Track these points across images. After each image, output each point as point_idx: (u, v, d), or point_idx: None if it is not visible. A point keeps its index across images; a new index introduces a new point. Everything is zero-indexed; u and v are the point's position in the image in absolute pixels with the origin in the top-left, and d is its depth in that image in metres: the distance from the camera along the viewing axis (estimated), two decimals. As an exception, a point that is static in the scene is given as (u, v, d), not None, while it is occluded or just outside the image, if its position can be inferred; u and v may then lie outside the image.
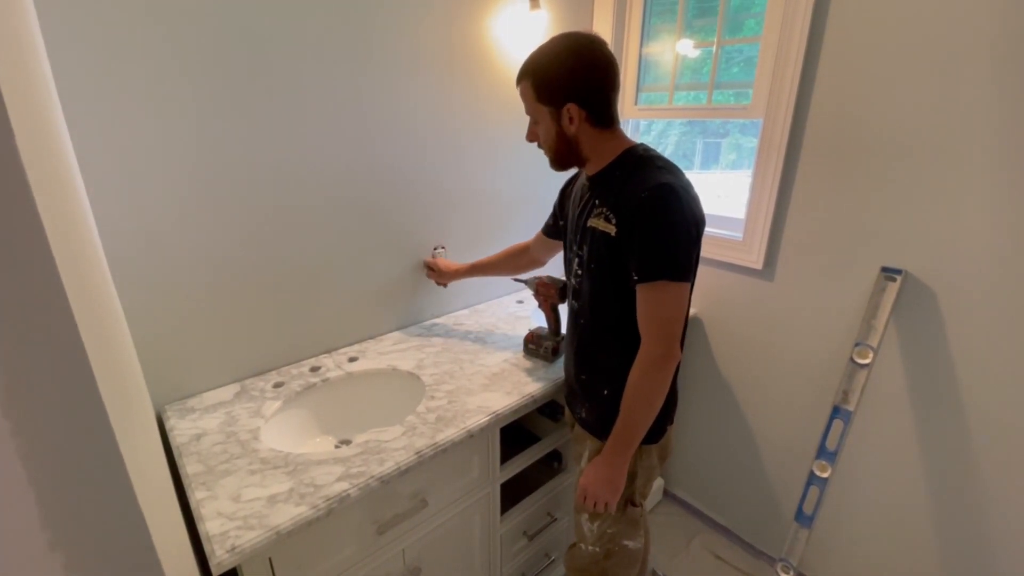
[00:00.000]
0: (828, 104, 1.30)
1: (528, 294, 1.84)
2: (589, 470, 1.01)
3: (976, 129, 1.10)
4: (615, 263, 0.93)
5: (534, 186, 1.78)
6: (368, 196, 1.35)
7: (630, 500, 1.08)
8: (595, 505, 1.00)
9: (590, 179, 1.01)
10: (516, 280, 1.46)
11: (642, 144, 0.98)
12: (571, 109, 0.92)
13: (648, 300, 0.89)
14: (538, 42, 1.59)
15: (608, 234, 0.92)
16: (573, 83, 0.91)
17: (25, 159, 0.31)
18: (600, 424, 1.05)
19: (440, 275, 1.50)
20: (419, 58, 1.34)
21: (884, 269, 1.28)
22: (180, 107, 1.01)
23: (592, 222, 0.96)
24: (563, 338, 1.35)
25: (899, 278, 1.26)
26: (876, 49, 1.20)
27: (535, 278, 1.38)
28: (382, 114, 1.31)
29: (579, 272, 1.02)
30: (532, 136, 1.03)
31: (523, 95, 0.97)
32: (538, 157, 1.74)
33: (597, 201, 0.97)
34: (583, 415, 1.10)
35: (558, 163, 1.03)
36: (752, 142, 1.71)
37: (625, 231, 0.89)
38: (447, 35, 1.38)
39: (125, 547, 0.40)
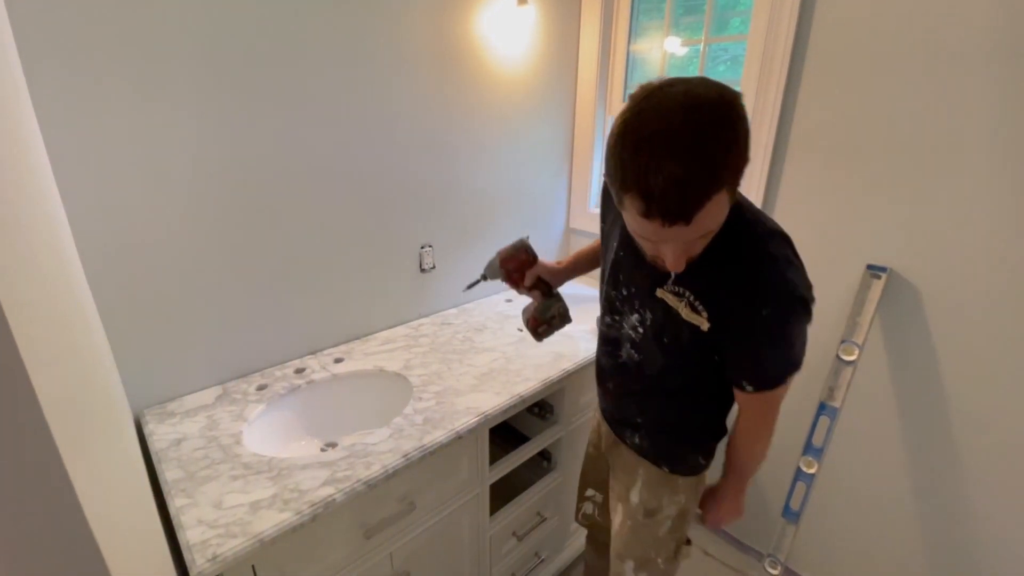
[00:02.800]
0: (814, 103, 1.30)
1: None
2: (717, 505, 1.01)
3: (961, 129, 1.11)
4: (704, 354, 0.80)
5: (520, 183, 1.77)
6: (353, 194, 1.32)
7: (684, 540, 1.03)
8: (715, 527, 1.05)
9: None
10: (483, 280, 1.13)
11: (739, 197, 0.72)
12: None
13: (761, 403, 0.83)
14: (524, 40, 1.60)
15: (697, 328, 0.76)
16: (746, 143, 0.62)
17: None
18: (658, 455, 0.97)
19: (543, 275, 1.09)
20: (405, 55, 1.32)
21: (869, 267, 1.30)
22: (158, 102, 0.98)
23: (668, 299, 0.79)
24: (557, 319, 1.09)
25: (884, 275, 1.27)
26: (861, 48, 1.20)
27: (496, 258, 1.07)
28: (367, 112, 1.29)
29: (639, 331, 0.88)
30: (685, 261, 0.70)
31: (705, 218, 0.61)
32: (524, 154, 1.74)
33: (674, 274, 0.77)
34: (637, 441, 1.00)
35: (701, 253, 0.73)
36: (739, 140, 1.72)
37: (727, 337, 0.75)
38: (434, 32, 1.36)
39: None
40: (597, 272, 2.01)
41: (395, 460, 0.96)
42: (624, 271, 0.89)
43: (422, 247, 1.52)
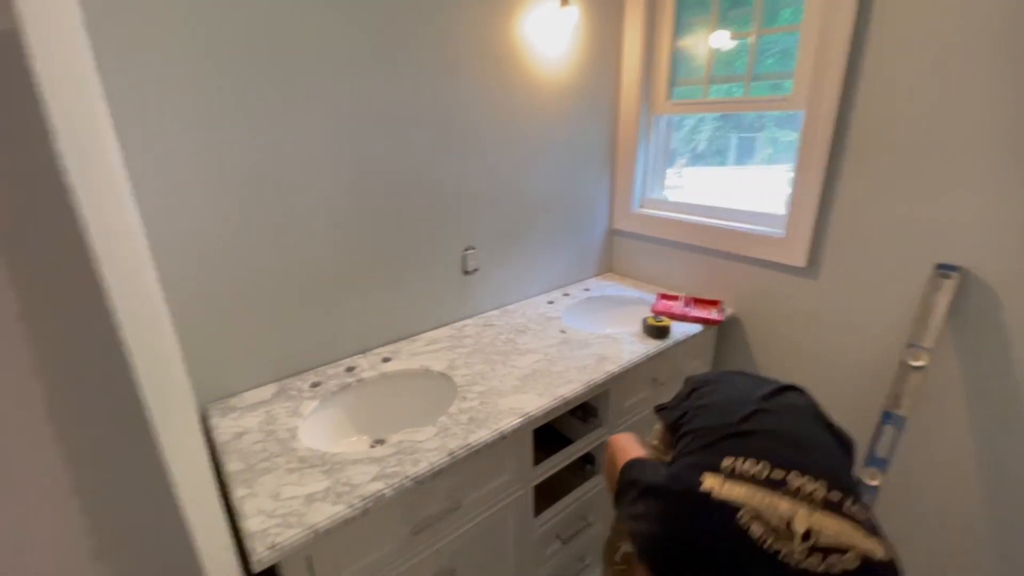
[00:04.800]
0: (877, 93, 1.23)
1: (558, 293, 1.82)
2: None
3: (1043, 114, 1.02)
4: None
5: (562, 184, 1.76)
6: (400, 197, 1.36)
7: None
8: None
9: None
10: None
11: None
12: None
13: None
14: (567, 41, 1.59)
15: None
16: None
17: (76, 185, 0.31)
18: None
19: None
20: (448, 58, 1.34)
21: (939, 266, 1.21)
22: (222, 116, 1.04)
23: None
24: None
25: (955, 275, 1.18)
26: (930, 33, 1.13)
27: None
28: (413, 115, 1.32)
29: None
30: None
31: None
32: (566, 155, 1.74)
33: None
34: None
35: None
36: (789, 136, 1.64)
37: None
38: (477, 35, 1.38)
39: (168, 556, 0.40)
40: (639, 269, 1.97)
41: (441, 458, 0.98)
42: None
43: (466, 249, 1.54)
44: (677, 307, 1.64)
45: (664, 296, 1.72)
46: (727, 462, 0.62)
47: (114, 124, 0.88)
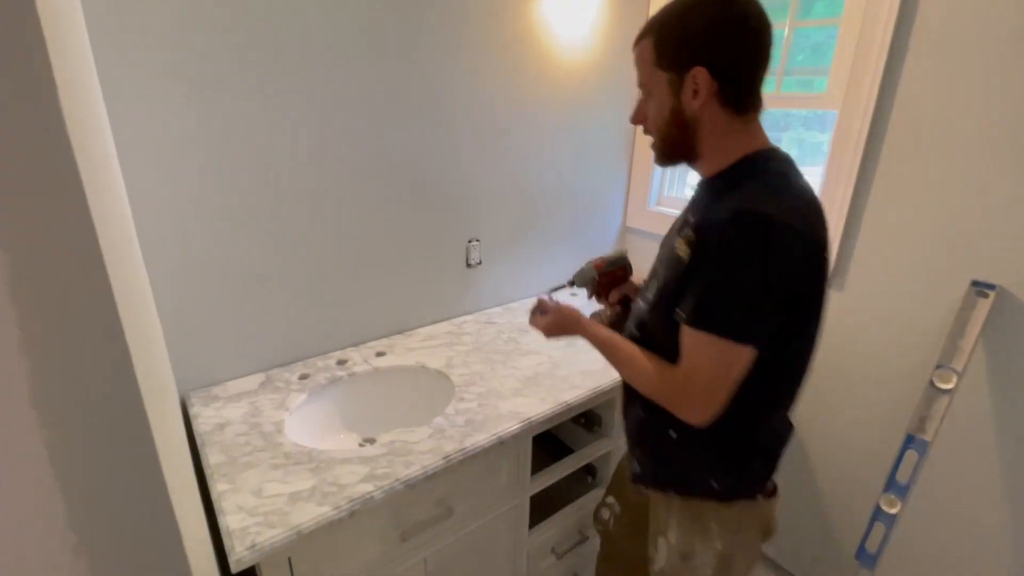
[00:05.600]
0: (917, 95, 1.15)
1: (565, 293, 1.74)
2: (550, 314, 0.92)
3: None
4: (681, 299, 0.72)
5: (575, 177, 1.69)
6: (400, 188, 1.29)
7: None
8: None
9: (700, 184, 0.81)
10: (568, 285, 1.05)
11: (775, 149, 0.75)
12: (698, 75, 0.69)
13: (687, 346, 0.71)
14: (587, 25, 1.51)
15: (681, 259, 0.72)
16: (708, 40, 0.69)
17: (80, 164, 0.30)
18: (659, 473, 0.85)
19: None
20: (460, 43, 1.27)
21: (975, 283, 1.13)
22: (214, 98, 0.98)
23: (675, 241, 0.76)
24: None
25: (992, 294, 1.10)
26: (978, 34, 1.05)
27: (591, 268, 1.01)
28: (417, 103, 1.25)
29: (647, 296, 0.82)
30: (640, 117, 0.81)
31: (639, 59, 0.77)
32: (581, 147, 1.66)
33: (690, 216, 0.77)
34: (637, 469, 0.88)
35: (665, 153, 0.80)
36: (816, 137, 1.57)
37: (695, 261, 0.70)
38: (492, 17, 1.30)
39: (155, 553, 0.38)
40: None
41: (435, 461, 0.92)
42: (661, 247, 0.88)
43: (469, 241, 1.48)
44: (690, 313, 1.57)
45: (676, 300, 1.65)
46: None
47: (107, 107, 0.82)
